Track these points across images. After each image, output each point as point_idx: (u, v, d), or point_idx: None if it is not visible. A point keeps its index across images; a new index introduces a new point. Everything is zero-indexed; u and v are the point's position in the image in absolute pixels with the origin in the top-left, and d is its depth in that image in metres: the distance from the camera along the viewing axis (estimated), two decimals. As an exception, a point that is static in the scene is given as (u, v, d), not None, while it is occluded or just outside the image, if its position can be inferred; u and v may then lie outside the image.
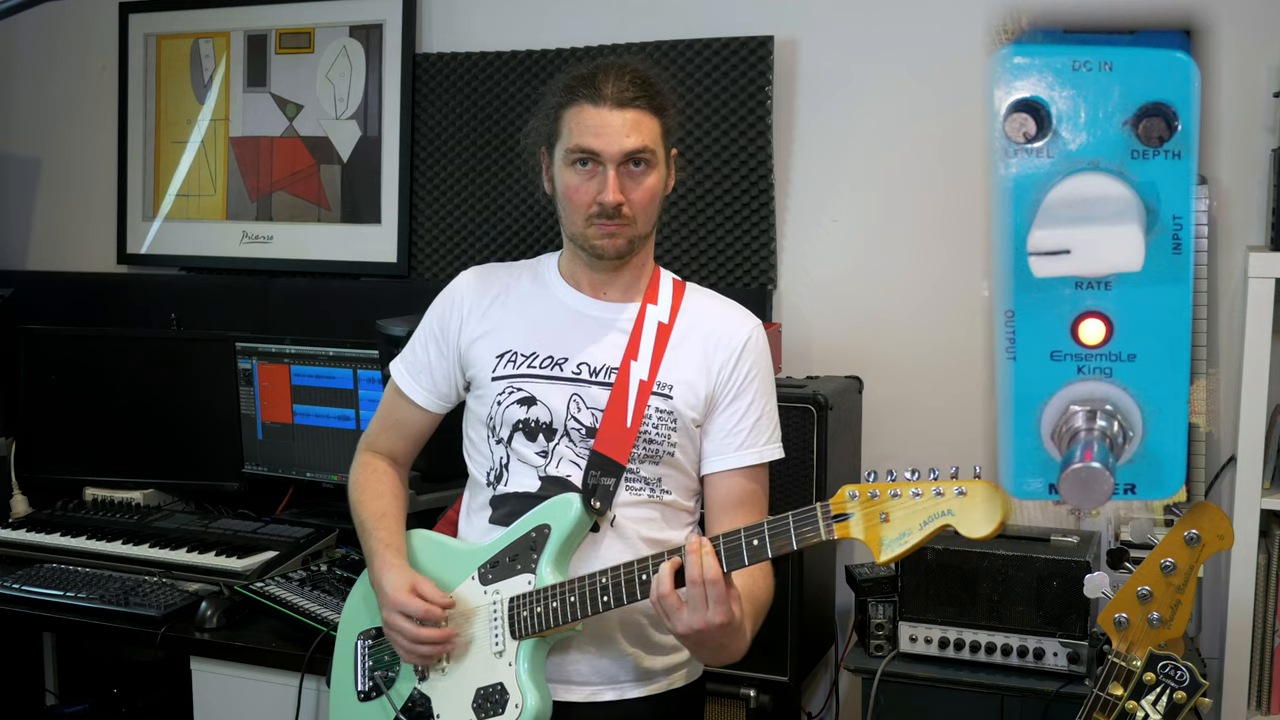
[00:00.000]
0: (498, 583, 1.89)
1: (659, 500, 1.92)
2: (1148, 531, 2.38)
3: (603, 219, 1.86)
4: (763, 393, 1.96)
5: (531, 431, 1.91)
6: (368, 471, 2.11)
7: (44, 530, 3.05)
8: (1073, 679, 2.31)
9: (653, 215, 1.92)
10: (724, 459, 1.94)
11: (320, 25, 3.40)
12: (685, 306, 1.98)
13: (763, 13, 2.95)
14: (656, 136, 1.87)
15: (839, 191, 2.95)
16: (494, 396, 1.94)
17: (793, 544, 1.67)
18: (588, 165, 1.85)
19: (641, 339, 1.92)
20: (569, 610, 1.81)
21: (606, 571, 1.79)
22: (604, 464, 1.88)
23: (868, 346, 2.91)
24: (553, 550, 1.85)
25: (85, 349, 3.37)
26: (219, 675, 2.59)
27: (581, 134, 1.84)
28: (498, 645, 1.87)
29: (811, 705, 2.95)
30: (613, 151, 1.83)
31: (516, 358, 1.94)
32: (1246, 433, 2.37)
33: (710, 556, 1.69)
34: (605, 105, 1.83)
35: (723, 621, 1.68)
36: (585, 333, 1.94)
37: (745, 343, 1.96)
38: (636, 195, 1.86)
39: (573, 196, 1.88)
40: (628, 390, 1.89)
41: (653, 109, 1.87)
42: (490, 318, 1.98)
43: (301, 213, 3.45)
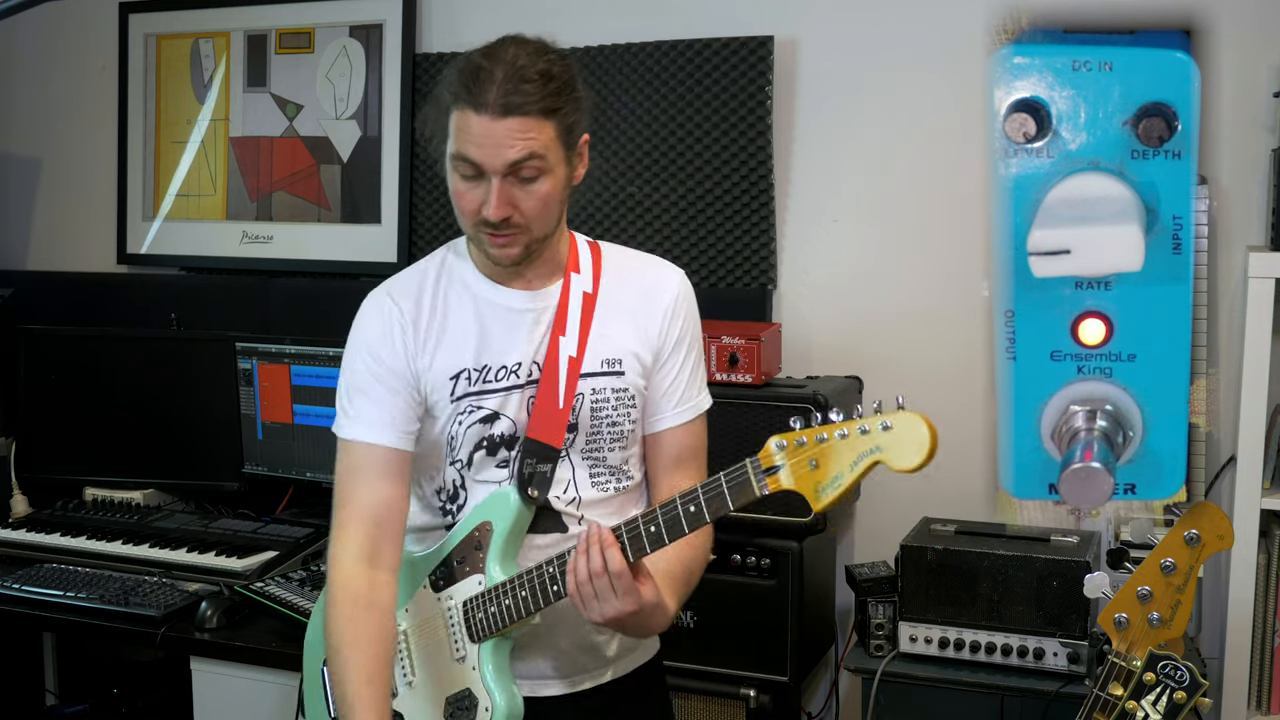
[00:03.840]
0: (449, 588, 1.86)
1: (624, 490, 1.91)
2: (1148, 531, 2.38)
3: (489, 229, 1.75)
4: (695, 343, 1.93)
5: (493, 446, 1.86)
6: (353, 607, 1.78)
7: (44, 530, 3.04)
8: (1073, 679, 2.31)
9: (550, 217, 1.78)
10: (667, 417, 1.91)
11: (320, 25, 3.40)
12: (607, 270, 1.90)
13: (763, 13, 2.95)
14: (549, 140, 1.71)
15: (839, 191, 2.95)
16: (453, 415, 1.85)
17: (729, 505, 1.66)
18: (471, 174, 1.73)
19: (568, 314, 1.85)
20: (522, 605, 1.78)
21: (553, 560, 1.77)
22: (538, 450, 1.83)
23: (868, 346, 2.91)
24: (497, 547, 1.81)
25: (85, 349, 3.37)
26: (219, 675, 2.59)
27: (463, 143, 1.71)
28: (459, 651, 1.84)
29: (811, 705, 2.95)
30: (495, 164, 1.70)
31: (471, 375, 1.84)
32: (1246, 433, 2.37)
33: (612, 548, 1.68)
34: (487, 113, 1.68)
35: (632, 610, 1.70)
36: (525, 330, 1.85)
37: (676, 298, 1.90)
38: (527, 204, 1.73)
39: (459, 203, 1.77)
40: (557, 370, 1.83)
41: (543, 111, 1.70)
42: (430, 342, 1.85)
43: (301, 213, 3.45)
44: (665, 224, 3.02)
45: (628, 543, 1.71)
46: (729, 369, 2.60)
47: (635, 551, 1.71)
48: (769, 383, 2.64)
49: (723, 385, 2.55)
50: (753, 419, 2.56)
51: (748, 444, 2.56)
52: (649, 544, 1.71)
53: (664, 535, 1.70)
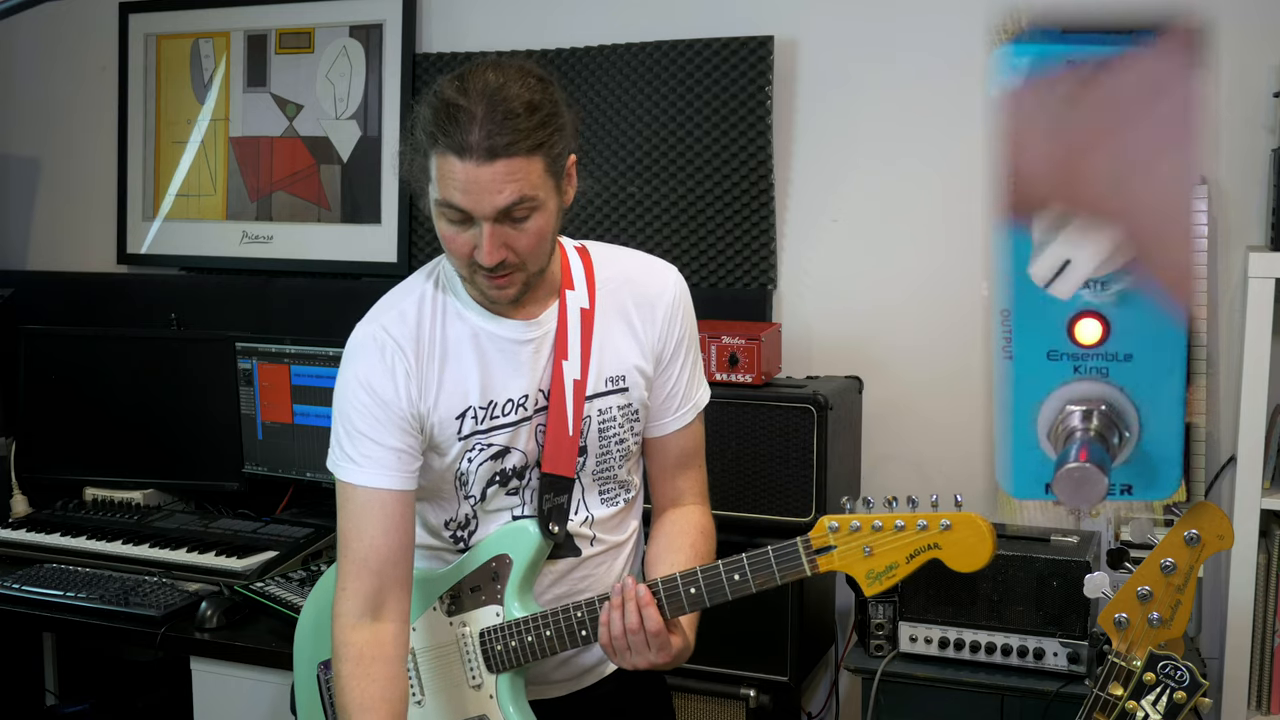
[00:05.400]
0: (463, 614, 1.84)
1: (629, 501, 1.91)
2: (1148, 531, 2.38)
3: (486, 272, 1.67)
4: (693, 343, 1.90)
5: (505, 479, 1.83)
6: (364, 671, 1.72)
7: (44, 530, 3.04)
8: (1073, 679, 2.31)
9: (545, 251, 1.71)
10: (669, 422, 1.89)
11: (320, 25, 3.40)
12: (601, 279, 1.84)
13: (763, 13, 2.95)
14: (538, 177, 1.63)
15: (839, 191, 2.95)
16: (461, 453, 1.79)
17: (776, 580, 1.69)
18: (459, 220, 1.64)
19: (569, 335, 1.80)
20: (547, 645, 1.78)
21: (581, 606, 1.77)
22: (554, 483, 1.81)
23: (868, 347, 2.91)
24: (516, 581, 1.80)
25: (85, 349, 3.37)
26: (219, 675, 2.59)
27: (448, 189, 1.61)
28: (475, 679, 1.83)
29: (811, 705, 2.95)
30: (484, 211, 1.61)
31: (477, 413, 1.78)
32: (1246, 433, 2.37)
33: (650, 608, 1.70)
34: (471, 159, 1.58)
35: (665, 661, 1.73)
36: (527, 360, 1.79)
37: (673, 300, 1.85)
38: (522, 243, 1.65)
39: (449, 246, 1.68)
40: (564, 396, 1.78)
41: (529, 149, 1.60)
42: (432, 383, 1.77)
43: (301, 213, 3.45)
44: (665, 224, 3.02)
45: (665, 601, 1.71)
46: (729, 369, 2.60)
47: (673, 611, 1.72)
48: (769, 383, 2.64)
49: (723, 385, 2.55)
50: (753, 419, 2.57)
51: (748, 444, 2.57)
52: (688, 604, 1.72)
53: (705, 598, 1.72)
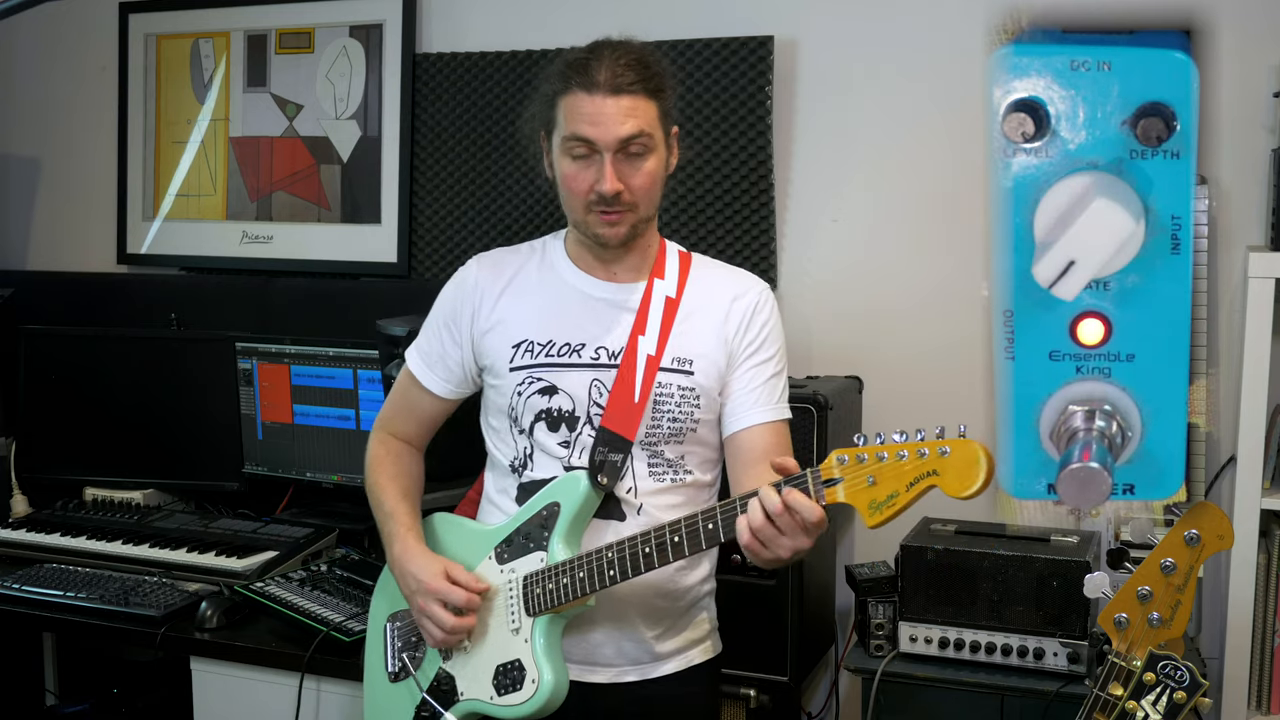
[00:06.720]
0: (512, 561, 1.93)
1: (681, 483, 1.95)
2: (1148, 531, 2.38)
3: (602, 207, 1.86)
4: (777, 351, 1.99)
5: (554, 421, 1.93)
6: (386, 449, 2.12)
7: (44, 530, 3.04)
8: (1073, 679, 2.31)
9: (654, 198, 1.92)
10: (747, 415, 1.95)
11: (320, 25, 3.40)
12: (693, 278, 2.00)
13: (763, 13, 2.95)
14: (654, 119, 1.86)
15: (839, 191, 2.95)
16: (514, 387, 1.95)
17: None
18: (584, 153, 1.85)
19: (649, 315, 1.93)
20: (578, 585, 1.83)
21: (612, 546, 1.81)
22: (611, 440, 1.90)
23: (868, 346, 2.91)
24: (563, 527, 1.88)
25: (85, 349, 3.37)
26: (219, 675, 2.59)
27: (577, 122, 1.83)
28: (514, 623, 1.90)
29: (811, 705, 2.95)
30: (608, 140, 1.82)
31: (534, 347, 1.94)
32: (1246, 433, 2.37)
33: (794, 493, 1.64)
34: (599, 92, 1.82)
35: (808, 546, 1.68)
36: (598, 317, 1.95)
37: (756, 303, 1.99)
38: (636, 181, 1.86)
39: (571, 185, 1.88)
40: (635, 366, 1.90)
41: (649, 92, 1.85)
42: (501, 307, 1.99)
43: (301, 213, 3.45)
44: (665, 224, 3.02)
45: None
46: (729, 369, 2.60)
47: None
48: (769, 383, 2.64)
49: (723, 385, 2.54)
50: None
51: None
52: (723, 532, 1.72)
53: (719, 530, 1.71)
